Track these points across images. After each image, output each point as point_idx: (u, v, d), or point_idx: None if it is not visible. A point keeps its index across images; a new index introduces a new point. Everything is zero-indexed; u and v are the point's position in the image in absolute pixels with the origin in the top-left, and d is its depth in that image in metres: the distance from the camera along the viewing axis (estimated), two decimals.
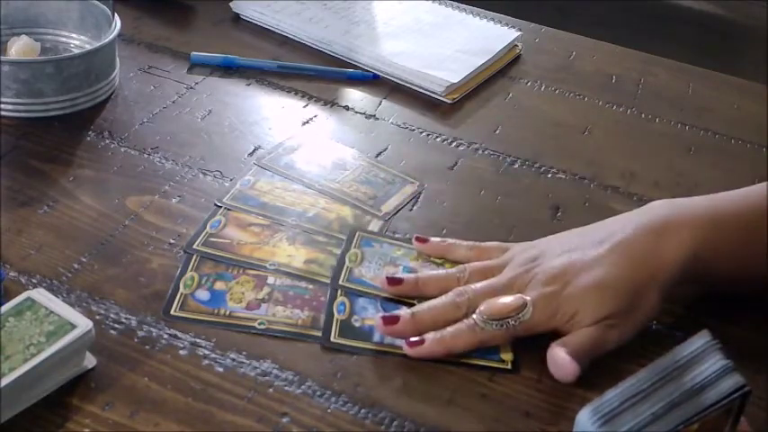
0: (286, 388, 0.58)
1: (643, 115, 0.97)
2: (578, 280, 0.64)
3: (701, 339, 0.48)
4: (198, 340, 0.61)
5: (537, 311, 0.63)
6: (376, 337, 0.63)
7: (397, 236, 0.73)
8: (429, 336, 0.62)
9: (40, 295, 0.57)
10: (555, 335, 0.63)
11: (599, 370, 0.63)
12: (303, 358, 0.61)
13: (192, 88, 0.90)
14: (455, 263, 0.70)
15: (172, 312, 0.63)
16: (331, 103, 0.92)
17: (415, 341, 0.62)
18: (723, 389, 0.46)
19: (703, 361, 0.47)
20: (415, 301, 0.66)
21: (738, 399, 0.47)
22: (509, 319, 0.62)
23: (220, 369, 0.59)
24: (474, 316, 0.63)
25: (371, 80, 0.96)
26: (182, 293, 0.64)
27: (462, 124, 0.91)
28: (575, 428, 0.46)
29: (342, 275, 0.68)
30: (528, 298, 0.63)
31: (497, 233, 0.74)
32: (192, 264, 0.67)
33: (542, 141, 0.89)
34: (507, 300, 0.63)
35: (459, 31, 1.06)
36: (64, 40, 0.91)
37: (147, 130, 0.82)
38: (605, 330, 0.63)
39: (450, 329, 0.63)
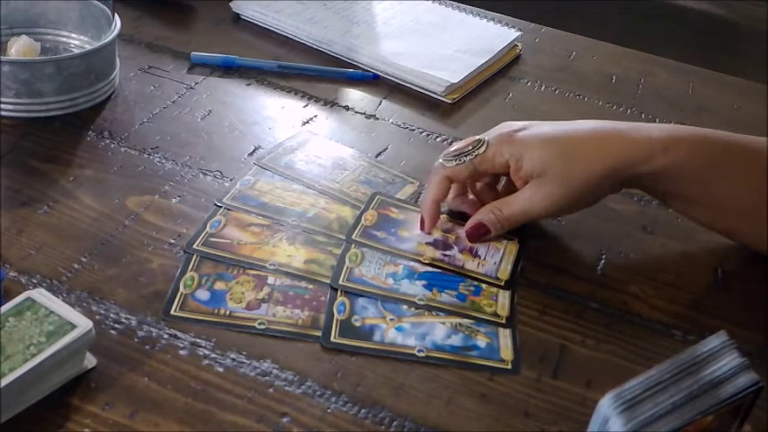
0: (286, 388, 0.58)
1: (643, 115, 0.97)
2: (534, 129, 0.72)
3: (718, 339, 0.50)
4: (198, 340, 0.61)
5: (491, 147, 0.71)
6: (376, 337, 0.63)
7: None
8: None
9: (40, 295, 0.57)
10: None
11: (600, 370, 0.63)
12: (303, 358, 0.61)
13: (191, 88, 0.90)
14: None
15: (172, 312, 0.63)
16: (331, 103, 0.92)
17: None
18: (739, 384, 0.48)
19: (720, 358, 0.49)
20: (415, 303, 0.66)
21: (751, 395, 0.49)
22: (467, 155, 0.71)
23: (220, 369, 0.59)
24: (439, 159, 0.73)
25: (371, 80, 0.96)
26: (182, 293, 0.64)
27: (462, 124, 0.91)
28: (596, 412, 0.47)
29: (342, 275, 0.68)
30: (485, 137, 0.72)
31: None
32: (191, 264, 0.67)
33: None
34: (465, 140, 0.73)
35: (460, 31, 1.06)
36: (64, 40, 0.91)
37: (147, 130, 0.82)
38: (536, 190, 0.70)
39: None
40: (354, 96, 0.94)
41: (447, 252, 0.72)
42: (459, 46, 1.02)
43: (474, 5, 1.13)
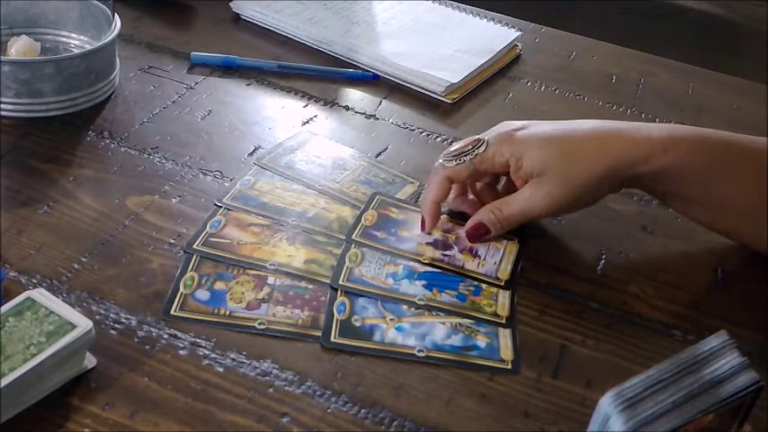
0: (286, 388, 0.58)
1: (643, 115, 0.97)
2: (534, 128, 0.72)
3: (718, 338, 0.50)
4: (198, 340, 0.61)
5: (491, 147, 0.71)
6: (376, 337, 0.63)
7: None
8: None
9: (40, 295, 0.57)
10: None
11: (600, 370, 0.63)
12: (303, 358, 0.61)
13: (191, 88, 0.90)
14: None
15: (172, 312, 0.63)
16: (331, 103, 0.92)
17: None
18: (739, 383, 0.48)
19: (721, 357, 0.50)
20: (415, 303, 0.66)
21: (751, 394, 0.49)
22: (467, 155, 0.71)
23: (220, 369, 0.59)
24: (439, 159, 0.73)
25: (371, 80, 0.96)
26: (182, 293, 0.64)
27: (462, 124, 0.91)
28: (597, 411, 0.48)
29: (342, 275, 0.68)
30: (485, 137, 0.72)
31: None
32: (191, 264, 0.67)
33: None
34: (465, 140, 0.73)
35: (460, 31, 1.06)
36: (64, 40, 0.91)
37: (147, 130, 0.82)
38: (535, 190, 0.70)
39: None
40: (354, 96, 0.94)
41: (447, 252, 0.72)
42: (459, 46, 1.02)
43: (474, 5, 1.13)
